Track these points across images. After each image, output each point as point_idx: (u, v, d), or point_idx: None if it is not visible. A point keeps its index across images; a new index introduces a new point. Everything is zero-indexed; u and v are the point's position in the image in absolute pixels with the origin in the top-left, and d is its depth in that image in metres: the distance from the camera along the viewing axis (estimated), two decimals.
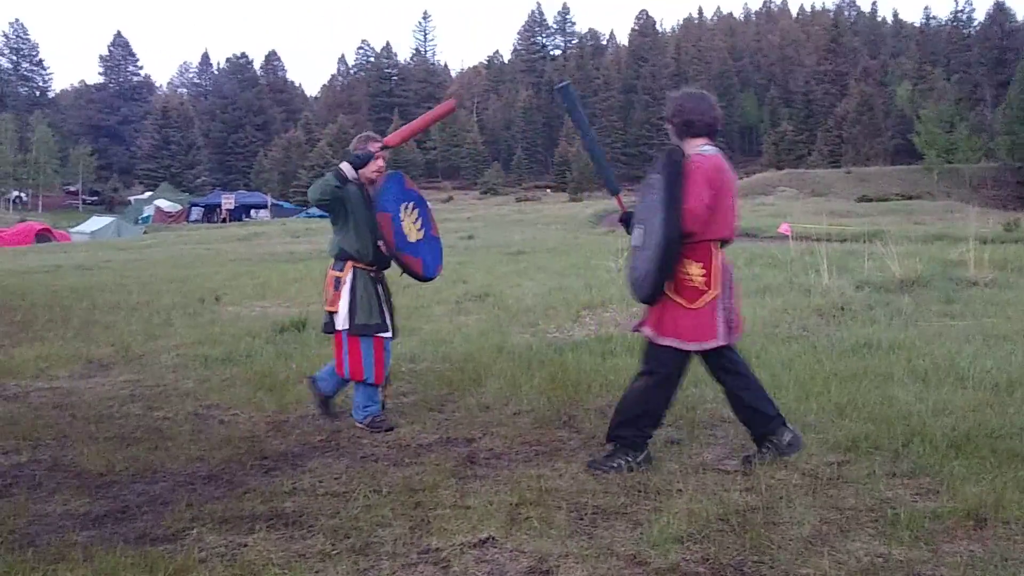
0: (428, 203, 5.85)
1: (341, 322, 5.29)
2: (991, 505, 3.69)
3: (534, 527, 3.64)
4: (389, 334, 5.43)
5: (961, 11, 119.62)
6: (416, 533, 3.62)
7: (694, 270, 4.25)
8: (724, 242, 4.38)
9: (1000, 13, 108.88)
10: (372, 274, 5.43)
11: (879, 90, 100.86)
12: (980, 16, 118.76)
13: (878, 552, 3.36)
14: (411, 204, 5.56)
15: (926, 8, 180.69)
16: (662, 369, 4.38)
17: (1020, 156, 70.31)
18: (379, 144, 5.54)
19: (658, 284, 4.27)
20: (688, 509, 3.77)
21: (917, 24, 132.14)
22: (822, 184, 67.37)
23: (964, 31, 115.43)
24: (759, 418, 4.47)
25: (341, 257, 5.42)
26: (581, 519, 3.76)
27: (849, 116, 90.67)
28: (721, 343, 4.32)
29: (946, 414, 5.13)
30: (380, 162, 5.48)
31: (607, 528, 3.66)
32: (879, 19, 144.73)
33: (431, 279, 5.80)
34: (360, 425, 5.32)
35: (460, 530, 3.62)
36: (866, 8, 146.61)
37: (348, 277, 5.33)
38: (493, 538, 3.55)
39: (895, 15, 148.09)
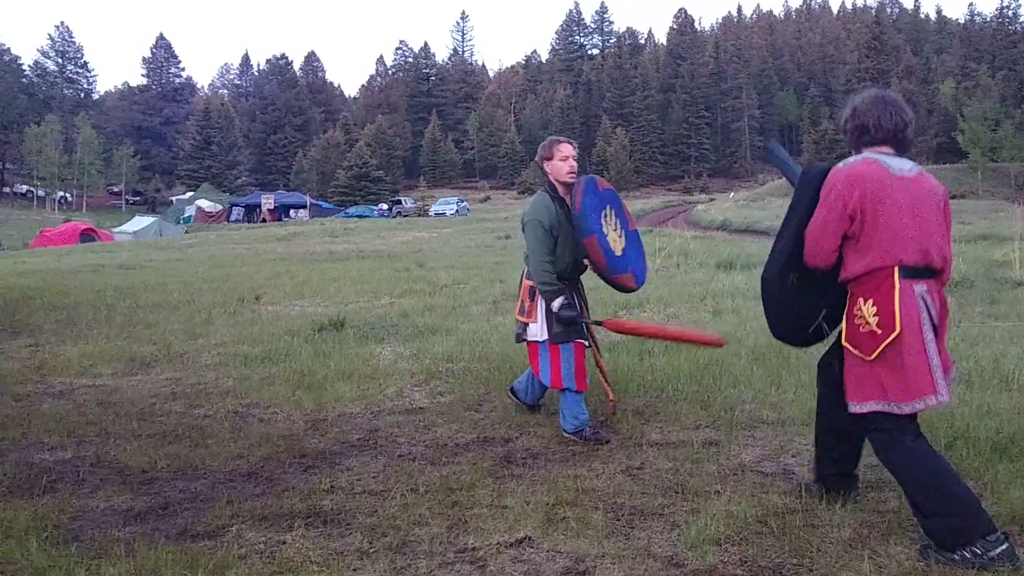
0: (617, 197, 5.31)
1: (538, 333, 5.02)
2: None
3: (571, 527, 3.64)
4: (587, 342, 5.09)
5: (1007, 7, 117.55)
6: (453, 532, 3.63)
7: (866, 309, 3.43)
8: (913, 270, 3.40)
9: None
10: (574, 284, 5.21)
11: (922, 88, 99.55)
12: None
13: (920, 556, 3.31)
14: (608, 209, 5.09)
15: (970, 4, 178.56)
16: (882, 440, 3.50)
17: None
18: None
19: (778, 334, 3.89)
20: (726, 511, 3.74)
21: (961, 21, 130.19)
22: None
23: (1010, 27, 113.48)
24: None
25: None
26: (618, 520, 3.75)
27: None
28: (940, 398, 3.35)
29: (990, 416, 5.05)
30: (571, 162, 5.05)
31: (644, 529, 3.64)
32: (922, 16, 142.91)
33: (641, 286, 5.31)
34: (569, 435, 4.99)
35: (497, 529, 3.62)
36: (908, 5, 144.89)
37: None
38: (530, 538, 3.55)
39: (938, 12, 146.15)
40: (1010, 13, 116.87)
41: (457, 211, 64.71)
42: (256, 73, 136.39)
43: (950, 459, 4.35)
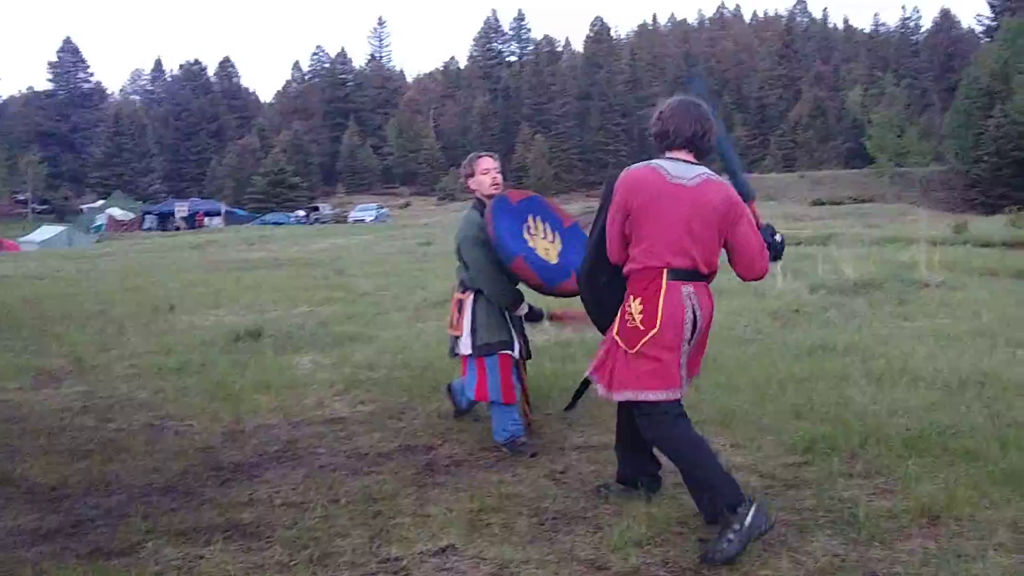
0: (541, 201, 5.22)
1: (465, 346, 4.93)
2: (944, 503, 3.76)
3: (495, 534, 3.64)
4: (515, 352, 4.94)
5: (909, 18, 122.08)
6: (375, 542, 3.59)
7: (634, 306, 3.59)
8: (682, 272, 3.56)
9: (946, 20, 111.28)
10: None
11: (831, 95, 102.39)
12: (927, 23, 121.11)
13: (836, 552, 3.39)
14: (531, 219, 4.98)
15: (876, 15, 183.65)
16: (644, 424, 3.71)
17: (967, 159, 71.71)
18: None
19: (596, 320, 3.99)
20: (648, 513, 3.78)
21: (867, 31, 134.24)
22: (776, 188, 68.21)
23: (912, 38, 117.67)
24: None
25: (467, 284, 5.02)
26: (542, 524, 3.76)
27: (802, 121, 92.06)
28: (679, 392, 3.61)
29: (900, 414, 5.21)
30: (494, 174, 5.01)
31: (568, 533, 3.66)
32: (830, 25, 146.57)
33: None
34: (501, 446, 4.90)
35: (420, 538, 3.60)
36: (817, 14, 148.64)
37: (470, 300, 4.95)
38: (453, 546, 3.53)
39: (846, 21, 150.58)
40: (912, 24, 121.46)
41: (376, 217, 64.30)
42: (169, 79, 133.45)
43: (863, 457, 4.48)
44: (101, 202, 77.30)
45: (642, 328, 3.54)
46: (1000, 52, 75.16)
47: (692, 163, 3.66)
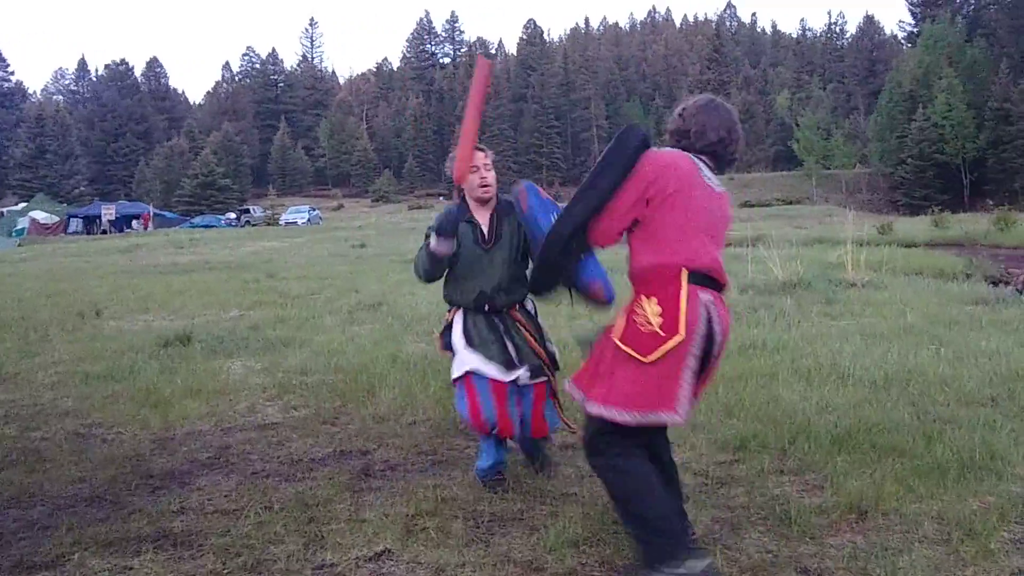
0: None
1: (456, 370, 4.24)
2: (871, 498, 3.84)
3: (431, 538, 3.62)
4: (488, 373, 4.12)
5: (835, 23, 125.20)
6: (310, 549, 3.55)
7: (649, 308, 3.09)
8: (701, 277, 3.13)
9: (870, 26, 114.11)
10: (495, 317, 4.28)
11: (760, 99, 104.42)
12: (852, 28, 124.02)
13: (768, 548, 3.45)
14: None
15: (802, 20, 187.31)
16: (603, 451, 3.23)
17: (891, 162, 73.64)
18: (469, 162, 4.11)
19: (536, 285, 3.67)
20: (584, 513, 3.81)
21: (794, 35, 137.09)
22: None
23: (837, 42, 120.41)
24: None
25: (450, 302, 4.40)
26: (478, 527, 3.75)
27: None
28: (679, 418, 3.10)
29: (829, 411, 5.32)
30: (483, 172, 4.27)
31: (504, 535, 3.66)
32: (759, 30, 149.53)
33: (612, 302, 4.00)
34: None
35: (355, 544, 3.57)
36: (746, 19, 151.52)
37: (458, 318, 4.30)
38: (389, 551, 3.51)
39: (774, 26, 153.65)
40: (837, 29, 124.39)
41: (309, 220, 63.63)
42: (94, 78, 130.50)
43: (793, 454, 4.56)
44: (23, 205, 75.11)
45: (663, 334, 3.03)
46: (922, 57, 77.39)
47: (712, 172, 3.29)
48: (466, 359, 4.16)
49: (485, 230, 4.25)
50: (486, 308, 4.24)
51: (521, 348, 4.22)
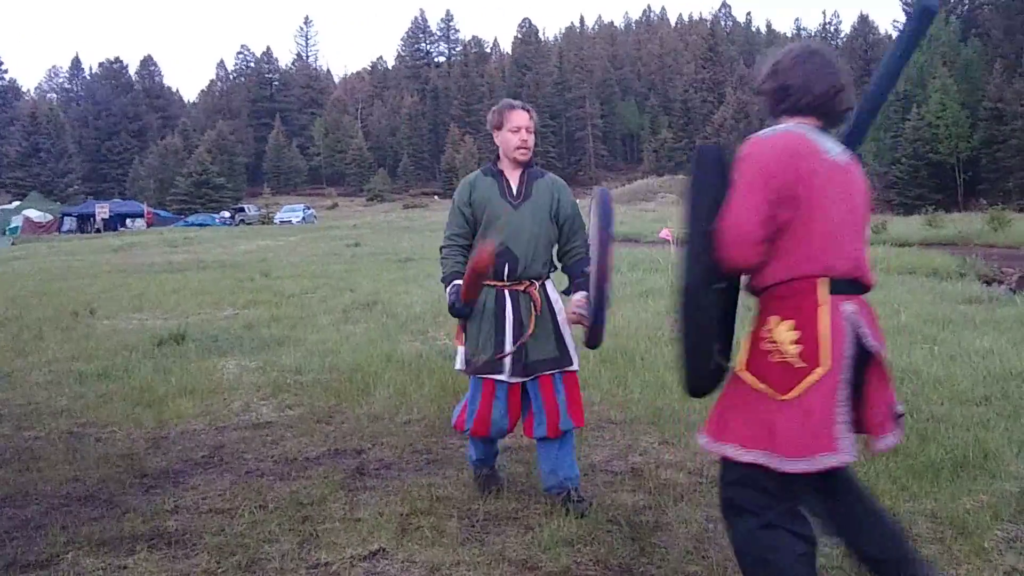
0: None
1: (458, 360, 4.11)
2: None
3: (426, 536, 3.62)
4: (502, 377, 3.95)
5: (829, 23, 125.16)
6: (305, 548, 3.55)
7: (782, 333, 2.53)
8: (843, 283, 2.55)
9: (864, 25, 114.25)
10: (506, 290, 4.01)
11: (755, 98, 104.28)
12: (847, 28, 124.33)
13: None
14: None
15: (797, 19, 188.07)
16: (748, 506, 2.60)
17: (885, 161, 73.72)
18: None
19: (693, 367, 2.70)
20: (578, 512, 3.80)
21: (789, 35, 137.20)
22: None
23: (832, 42, 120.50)
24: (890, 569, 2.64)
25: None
26: (473, 526, 3.75)
27: (726, 123, 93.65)
28: (843, 459, 2.46)
29: None
30: (524, 134, 4.03)
31: (499, 534, 3.66)
32: (753, 29, 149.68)
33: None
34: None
35: (350, 543, 3.57)
36: (741, 18, 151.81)
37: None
38: (384, 549, 3.51)
39: (768, 25, 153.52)
40: (832, 28, 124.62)
41: (303, 218, 63.54)
42: (88, 77, 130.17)
43: None
44: (17, 203, 74.84)
45: (802, 364, 2.46)
46: (916, 57, 77.44)
47: (828, 134, 2.70)
48: (484, 352, 3.96)
49: (515, 187, 4.05)
50: (507, 271, 3.97)
51: (538, 334, 3.96)
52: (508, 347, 3.93)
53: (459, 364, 4.08)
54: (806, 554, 2.56)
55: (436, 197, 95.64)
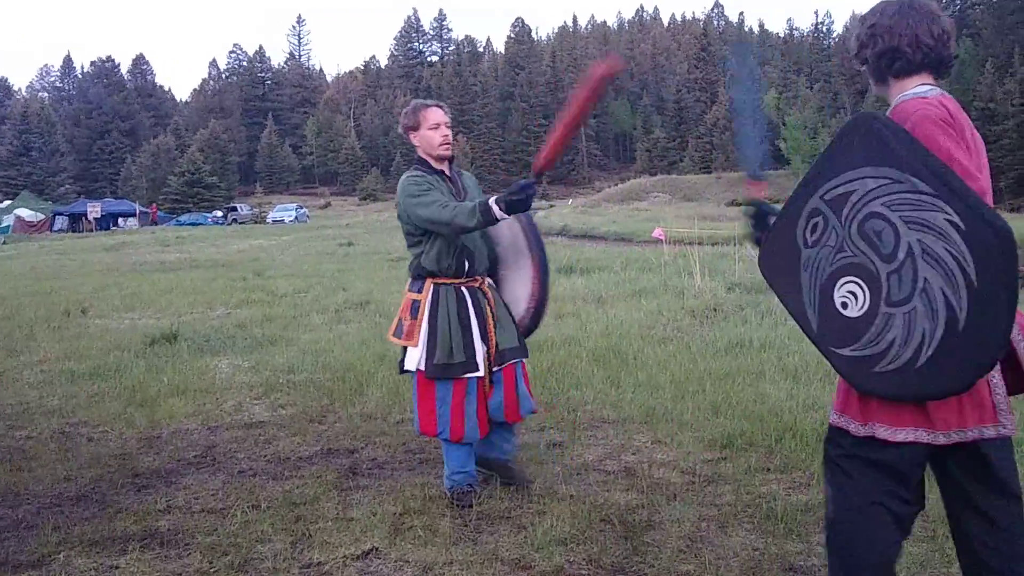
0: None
1: (415, 361, 4.05)
2: None
3: (418, 536, 3.62)
4: (478, 373, 4.04)
5: (822, 23, 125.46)
6: (297, 548, 3.55)
7: None
8: None
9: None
10: (463, 289, 4.10)
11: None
12: (839, 28, 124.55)
13: (755, 546, 3.46)
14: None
15: (789, 20, 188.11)
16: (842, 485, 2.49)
17: None
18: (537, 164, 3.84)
19: (997, 354, 2.22)
20: (571, 511, 3.81)
21: (781, 35, 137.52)
22: (693, 189, 69.40)
23: (824, 42, 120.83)
24: None
25: (420, 275, 4.14)
26: (466, 526, 3.75)
27: (719, 123, 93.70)
28: (1008, 430, 2.33)
29: (815, 409, 5.33)
30: (444, 129, 4.13)
31: (492, 533, 3.66)
32: (746, 29, 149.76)
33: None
34: (447, 495, 4.11)
35: (343, 542, 3.57)
36: (733, 18, 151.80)
37: (428, 301, 4.06)
38: (377, 549, 3.51)
39: (761, 25, 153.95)
40: (824, 29, 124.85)
41: (296, 218, 63.46)
42: (80, 76, 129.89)
43: (779, 452, 4.57)
44: (8, 202, 74.57)
45: None
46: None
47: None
48: (457, 356, 4.00)
49: (454, 185, 4.16)
50: (466, 268, 4.08)
51: (500, 324, 4.12)
52: (478, 344, 4.02)
53: (413, 364, 4.05)
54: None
55: None
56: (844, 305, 2.39)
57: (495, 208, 3.70)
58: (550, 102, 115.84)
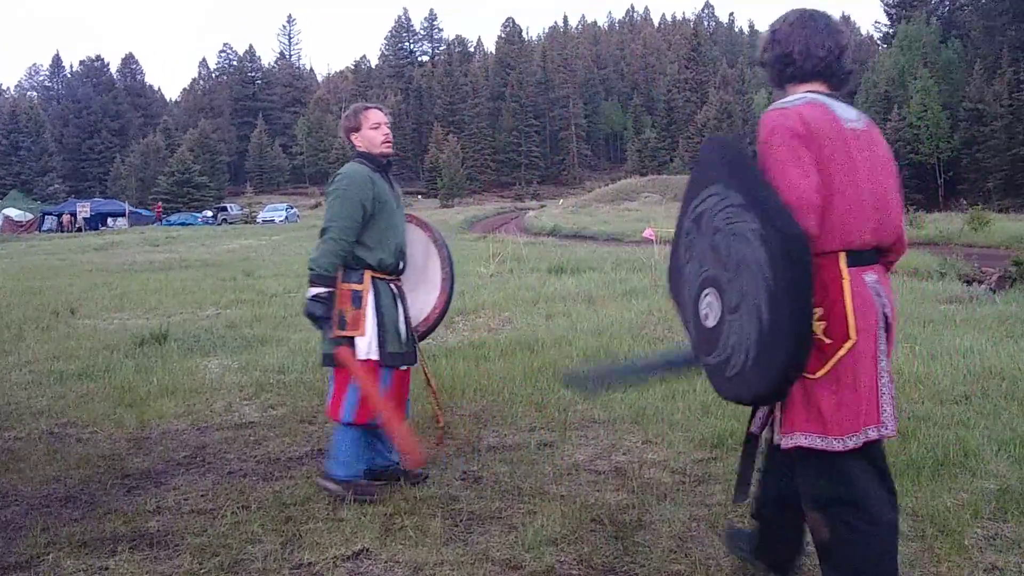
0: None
1: (366, 350, 4.10)
2: None
3: (409, 536, 3.61)
4: (416, 364, 4.36)
5: None
6: (288, 548, 3.54)
7: None
8: (865, 254, 2.58)
9: (846, 26, 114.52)
10: (393, 286, 4.28)
11: (738, 98, 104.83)
12: None
13: None
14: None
15: None
16: (822, 493, 2.62)
17: None
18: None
19: (796, 357, 2.41)
20: (562, 511, 3.81)
21: None
22: (684, 189, 69.48)
23: None
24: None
25: (356, 266, 4.16)
26: (456, 526, 3.75)
27: (709, 123, 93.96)
28: (888, 432, 2.58)
29: None
30: (384, 128, 4.38)
31: (482, 533, 3.66)
32: (736, 29, 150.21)
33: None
34: (329, 485, 4.12)
35: (333, 543, 3.56)
36: (724, 19, 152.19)
37: (370, 295, 4.14)
38: (367, 549, 3.50)
39: (751, 26, 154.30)
40: None
41: (286, 218, 63.32)
42: (69, 75, 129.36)
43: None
44: None
45: (828, 341, 2.47)
46: (897, 58, 77.94)
47: (839, 99, 2.66)
48: (404, 345, 4.24)
49: (392, 185, 4.35)
50: (400, 267, 4.30)
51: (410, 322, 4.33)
52: (405, 337, 4.24)
53: (364, 353, 4.09)
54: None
55: (420, 196, 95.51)
56: (705, 316, 2.60)
57: (310, 288, 4.06)
58: (541, 102, 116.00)
